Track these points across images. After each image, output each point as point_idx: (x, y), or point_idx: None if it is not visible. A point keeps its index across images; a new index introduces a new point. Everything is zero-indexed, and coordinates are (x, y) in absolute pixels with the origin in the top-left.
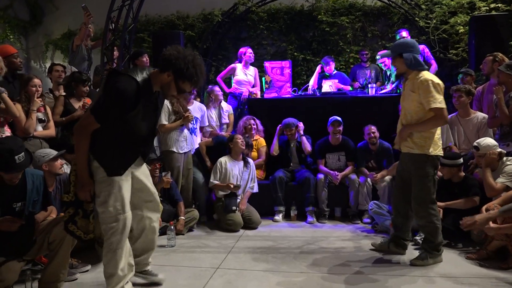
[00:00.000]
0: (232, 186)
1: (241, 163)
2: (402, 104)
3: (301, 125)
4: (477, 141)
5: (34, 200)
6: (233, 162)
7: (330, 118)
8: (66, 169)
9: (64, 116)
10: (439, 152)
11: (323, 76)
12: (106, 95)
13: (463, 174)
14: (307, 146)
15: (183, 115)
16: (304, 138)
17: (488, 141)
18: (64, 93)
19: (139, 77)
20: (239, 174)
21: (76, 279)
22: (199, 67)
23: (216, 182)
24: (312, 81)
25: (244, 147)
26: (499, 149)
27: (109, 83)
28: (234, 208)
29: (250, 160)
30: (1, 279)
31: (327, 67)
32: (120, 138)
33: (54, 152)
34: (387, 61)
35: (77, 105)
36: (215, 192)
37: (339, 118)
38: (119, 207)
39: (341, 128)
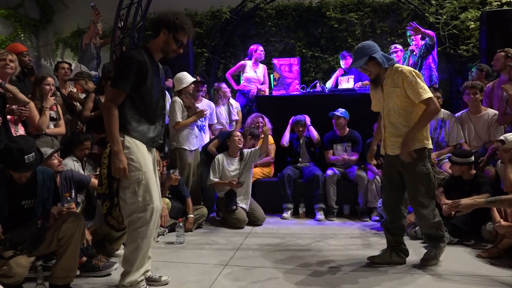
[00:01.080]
0: (235, 183)
1: (237, 159)
2: (384, 105)
3: (307, 118)
4: (505, 135)
5: (45, 198)
6: (230, 160)
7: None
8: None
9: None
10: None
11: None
12: (118, 65)
13: (474, 172)
14: (316, 134)
15: (195, 111)
16: (311, 127)
17: None
18: (74, 90)
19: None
20: (237, 170)
21: (110, 274)
22: (185, 17)
23: (216, 179)
24: (330, 84)
25: (241, 145)
26: None
27: (117, 61)
28: (234, 207)
29: (245, 151)
30: (10, 274)
31: (344, 61)
32: (144, 109)
33: (49, 151)
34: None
35: None
36: (216, 190)
37: (338, 112)
38: (148, 198)
39: (341, 120)
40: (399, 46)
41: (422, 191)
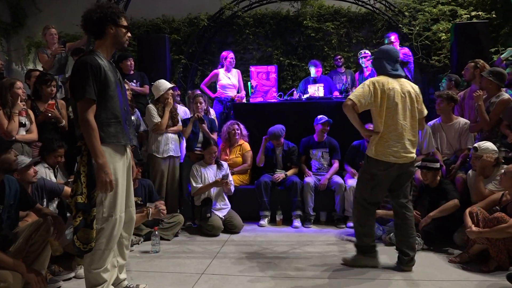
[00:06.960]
0: (220, 179)
1: (215, 166)
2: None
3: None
4: (478, 143)
5: (10, 204)
6: (206, 167)
7: (321, 117)
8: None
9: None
10: None
11: (310, 81)
12: (74, 76)
13: (438, 178)
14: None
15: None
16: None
17: (488, 144)
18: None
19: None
20: (215, 176)
21: (59, 287)
22: (110, 3)
23: (200, 185)
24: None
25: (214, 160)
26: (497, 155)
27: (72, 72)
28: (208, 215)
29: (223, 162)
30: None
31: (315, 69)
32: (113, 108)
33: (27, 160)
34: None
35: (42, 107)
36: (195, 199)
37: (323, 119)
38: (112, 209)
39: (328, 127)
40: (368, 52)
41: None
